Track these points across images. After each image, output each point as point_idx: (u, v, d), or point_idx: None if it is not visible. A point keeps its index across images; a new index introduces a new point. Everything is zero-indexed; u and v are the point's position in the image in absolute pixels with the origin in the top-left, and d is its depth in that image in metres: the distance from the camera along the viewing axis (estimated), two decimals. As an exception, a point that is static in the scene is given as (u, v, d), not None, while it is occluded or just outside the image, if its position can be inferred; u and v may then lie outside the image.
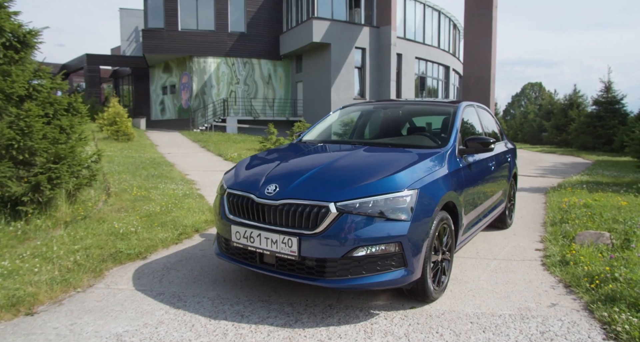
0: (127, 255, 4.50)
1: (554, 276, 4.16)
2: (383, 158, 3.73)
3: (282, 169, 3.60)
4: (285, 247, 3.11)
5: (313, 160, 3.83)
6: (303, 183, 3.25)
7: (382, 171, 3.32)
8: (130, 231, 5.25)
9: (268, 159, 3.99)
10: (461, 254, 4.83)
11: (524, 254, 4.87)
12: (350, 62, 26.27)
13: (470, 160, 4.23)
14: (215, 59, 29.17)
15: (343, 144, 4.40)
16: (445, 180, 3.59)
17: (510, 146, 6.23)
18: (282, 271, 3.22)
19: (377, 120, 5.22)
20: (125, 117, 18.82)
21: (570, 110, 28.97)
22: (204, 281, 3.93)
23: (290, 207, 3.13)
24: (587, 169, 14.06)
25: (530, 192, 9.25)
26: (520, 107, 61.96)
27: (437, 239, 3.46)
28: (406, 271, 3.11)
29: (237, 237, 3.38)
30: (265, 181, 3.41)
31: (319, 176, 3.33)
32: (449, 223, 3.60)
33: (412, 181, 3.23)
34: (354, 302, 3.49)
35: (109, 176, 9.39)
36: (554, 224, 6.05)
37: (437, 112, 4.86)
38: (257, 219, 3.30)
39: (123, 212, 6.32)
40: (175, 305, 3.41)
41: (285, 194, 3.20)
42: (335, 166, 3.50)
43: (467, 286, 3.89)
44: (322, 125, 5.15)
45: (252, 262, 3.39)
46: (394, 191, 3.12)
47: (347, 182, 3.19)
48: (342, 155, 3.81)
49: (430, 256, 3.30)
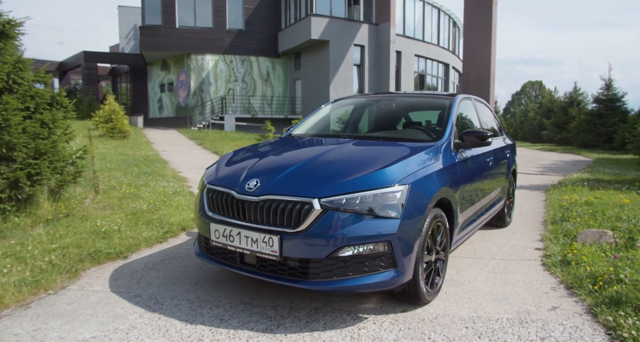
0: (107, 254, 4.28)
1: (554, 277, 3.95)
2: (372, 152, 3.51)
3: (265, 163, 3.38)
4: (266, 247, 2.90)
5: (298, 154, 3.61)
6: (286, 178, 3.03)
7: (370, 164, 3.10)
8: (113, 230, 5.03)
9: (252, 153, 3.77)
10: (457, 253, 4.62)
11: (523, 254, 4.65)
12: (349, 60, 26.04)
13: (466, 155, 4.01)
14: (213, 57, 28.93)
15: (333, 138, 4.17)
16: (440, 175, 3.38)
17: (510, 142, 6.02)
18: (263, 272, 3.01)
19: (370, 114, 4.99)
20: (120, 115, 18.64)
21: (571, 108, 28.73)
22: (184, 282, 3.72)
23: (271, 203, 2.92)
24: (588, 166, 13.84)
25: (530, 190, 9.03)
26: (520, 105, 61.70)
27: (430, 238, 3.25)
28: (396, 272, 2.89)
29: (217, 236, 3.17)
30: (246, 176, 3.20)
31: (303, 170, 3.11)
32: (443, 221, 3.38)
33: (403, 176, 3.01)
34: (342, 305, 3.28)
35: (99, 173, 9.18)
36: (554, 223, 5.84)
37: (433, 104, 4.64)
38: (238, 217, 3.08)
39: (109, 210, 6.11)
40: (151, 308, 3.20)
41: (266, 189, 2.98)
42: (321, 160, 3.28)
43: (463, 288, 3.68)
44: (313, 119, 4.94)
45: (232, 262, 3.18)
46: (383, 186, 2.90)
47: (332, 176, 2.97)
48: (329, 149, 3.59)
49: (422, 256, 3.09)
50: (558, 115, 29.94)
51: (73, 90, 39.40)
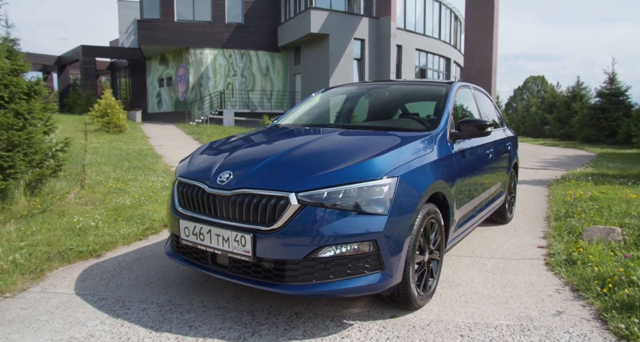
0: (79, 253, 4.00)
1: (559, 278, 3.65)
2: (359, 142, 3.21)
3: (241, 154, 3.08)
4: (238, 246, 2.60)
5: (279, 145, 3.31)
6: (261, 170, 2.73)
7: (355, 155, 2.79)
8: (90, 226, 4.75)
9: (229, 144, 3.47)
10: (454, 252, 4.33)
11: (525, 252, 4.35)
12: (349, 54, 25.68)
13: (464, 147, 3.71)
14: (212, 51, 28.59)
15: (319, 128, 3.87)
16: (433, 167, 3.07)
17: (511, 134, 5.71)
18: (236, 274, 2.71)
19: (362, 103, 4.68)
20: (116, 109, 18.34)
21: (573, 103, 28.35)
22: (157, 283, 3.43)
23: (244, 198, 2.62)
24: (592, 161, 13.51)
25: (532, 185, 8.72)
26: (522, 100, 61.15)
27: (422, 236, 2.95)
28: (383, 274, 2.59)
29: (186, 234, 2.87)
30: (219, 168, 2.90)
31: (281, 161, 2.81)
32: (437, 217, 3.09)
33: (392, 168, 2.71)
34: (325, 310, 2.99)
35: (88, 167, 8.90)
36: (558, 219, 5.53)
37: (428, 92, 4.32)
38: (208, 213, 2.79)
39: (90, 205, 5.82)
40: (115, 313, 2.91)
41: (239, 183, 2.68)
42: (301, 151, 2.97)
43: (459, 290, 3.38)
44: (301, 108, 4.63)
45: (203, 263, 2.88)
46: (369, 178, 2.60)
47: (312, 168, 2.67)
48: (313, 139, 3.29)
49: (413, 257, 2.79)
50: (560, 110, 29.55)
51: (73, 85, 39.03)
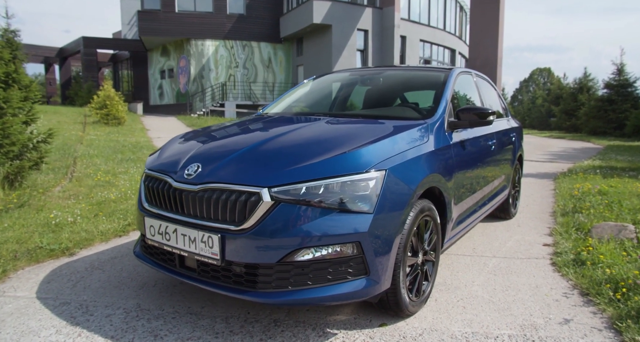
0: (50, 251, 3.73)
1: (566, 280, 3.35)
2: (346, 131, 2.90)
3: (215, 145, 2.78)
4: (205, 248, 2.32)
5: (257, 134, 3.01)
6: (232, 162, 2.44)
7: (340, 146, 2.50)
8: (68, 222, 4.48)
9: (205, 134, 3.17)
10: (453, 250, 4.03)
11: (529, 251, 4.05)
12: (352, 45, 25.28)
13: (463, 137, 3.40)
14: (213, 42, 28.24)
15: (306, 116, 3.57)
16: (428, 159, 2.78)
17: (515, 124, 5.39)
18: (204, 278, 2.43)
19: (355, 89, 4.37)
20: (115, 101, 18.09)
21: (580, 95, 27.89)
22: (129, 285, 3.16)
23: (212, 194, 2.33)
24: (599, 153, 13.15)
25: (538, 178, 8.40)
26: (528, 92, 60.54)
27: (415, 236, 2.66)
28: (368, 280, 2.30)
29: (152, 233, 2.59)
30: (187, 160, 2.61)
31: (256, 153, 2.51)
32: (432, 215, 2.79)
33: (380, 160, 2.41)
34: (307, 317, 2.70)
35: (79, 160, 8.64)
36: (565, 214, 5.22)
37: (425, 78, 4.01)
38: (175, 210, 2.50)
39: (73, 199, 5.56)
40: (75, 320, 2.64)
41: (207, 176, 2.39)
42: (280, 141, 2.68)
43: (457, 294, 3.09)
44: (292, 96, 4.33)
45: (171, 265, 2.60)
46: (353, 171, 2.30)
47: (290, 160, 2.37)
48: (294, 128, 2.99)
49: (404, 259, 2.50)
50: (567, 102, 29.09)
51: (76, 78, 38.73)
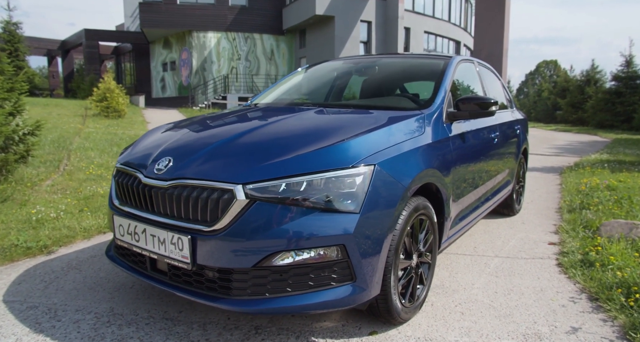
0: (26, 249, 3.53)
1: (573, 283, 3.13)
2: (334, 122, 2.67)
3: (189, 138, 2.56)
4: (175, 250, 2.11)
5: (237, 126, 2.78)
6: (205, 156, 2.22)
7: (326, 138, 2.27)
8: (50, 218, 4.29)
9: (183, 126, 2.95)
10: (453, 249, 3.81)
11: (534, 250, 3.83)
12: (355, 37, 24.97)
13: (463, 129, 3.17)
14: (215, 34, 27.97)
15: (294, 106, 3.34)
16: (424, 153, 2.55)
17: (520, 116, 5.14)
18: (176, 283, 2.22)
19: (350, 78, 4.13)
20: (116, 93, 17.91)
21: (587, 87, 27.46)
22: (105, 287, 2.95)
23: (182, 191, 2.11)
24: (606, 147, 12.86)
25: (543, 173, 8.14)
26: (534, 85, 59.93)
27: (409, 236, 2.43)
28: (354, 287, 2.08)
29: (121, 233, 2.38)
30: (159, 154, 2.39)
31: (232, 146, 2.29)
32: (428, 213, 2.57)
33: (369, 153, 2.18)
34: (291, 324, 2.49)
35: (73, 153, 8.45)
36: (571, 211, 4.98)
37: (423, 66, 3.77)
38: (144, 208, 2.29)
39: (60, 193, 5.36)
40: (40, 327, 2.43)
41: (177, 172, 2.17)
42: (260, 133, 2.45)
43: (456, 298, 2.87)
44: (282, 86, 4.10)
45: (141, 268, 2.39)
46: (337, 166, 2.07)
47: (269, 154, 2.15)
48: (278, 119, 2.76)
49: (396, 262, 2.28)
50: (574, 95, 28.66)
51: (79, 70, 38.54)
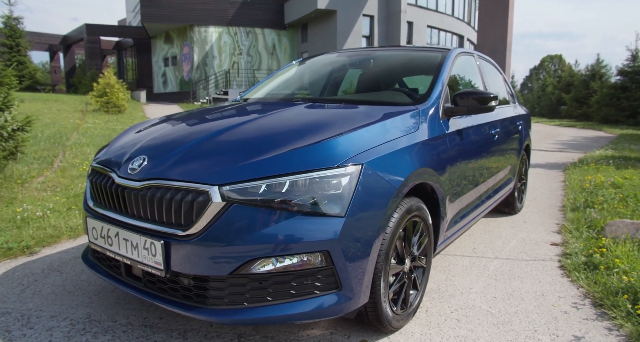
0: (7, 250, 3.40)
1: (577, 287, 2.98)
2: (321, 118, 2.52)
3: (168, 135, 2.40)
4: (148, 256, 1.97)
5: (218, 122, 2.63)
6: (182, 155, 2.07)
7: (311, 135, 2.12)
8: (36, 216, 4.16)
9: (165, 122, 2.80)
10: (451, 249, 3.66)
11: (535, 251, 3.68)
12: (357, 31, 24.77)
13: (462, 125, 3.01)
14: (216, 29, 27.80)
15: (284, 101, 3.19)
16: (418, 151, 2.39)
17: (522, 112, 4.98)
18: (150, 291, 2.08)
19: (344, 72, 3.98)
20: (116, 88, 17.79)
21: (592, 82, 27.17)
22: (84, 291, 2.82)
23: (155, 192, 1.97)
24: (611, 143, 12.66)
25: (546, 169, 7.98)
26: (538, 80, 59.47)
27: (401, 240, 2.29)
28: (340, 296, 1.94)
29: (94, 236, 2.25)
30: (134, 152, 2.25)
31: (210, 144, 2.14)
32: (423, 215, 2.42)
33: (356, 152, 2.03)
34: (276, 332, 2.35)
35: (69, 149, 8.33)
36: (575, 209, 4.83)
37: (420, 59, 3.60)
38: (118, 210, 2.15)
39: (50, 191, 5.24)
40: (9, 335, 2.30)
41: (151, 172, 2.03)
42: (241, 130, 2.30)
43: (452, 303, 2.73)
44: (275, 80, 3.95)
45: (116, 273, 2.25)
46: (321, 166, 1.92)
47: (249, 152, 2.00)
48: (263, 115, 2.61)
49: (387, 268, 2.14)
50: (578, 90, 28.38)
51: (82, 65, 38.39)
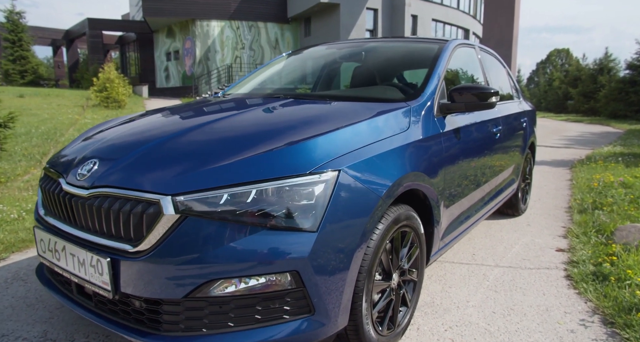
0: (-28, 256, 3.19)
1: (584, 300, 2.72)
2: (299, 117, 2.26)
3: (125, 136, 2.15)
4: (95, 274, 1.73)
5: (183, 122, 2.36)
6: (135, 159, 1.83)
7: (283, 136, 1.86)
8: (11, 219, 3.94)
9: (126, 122, 2.55)
10: (449, 256, 3.41)
11: (540, 258, 3.42)
12: (360, 25, 24.44)
13: (459, 123, 2.75)
14: (219, 23, 27.53)
15: (262, 98, 2.92)
16: (408, 154, 2.13)
17: (527, 107, 4.71)
18: (101, 312, 1.84)
19: (332, 66, 3.72)
20: (115, 83, 17.60)
21: (600, 76, 26.73)
22: (46, 304, 2.59)
23: (103, 201, 1.73)
24: (620, 139, 12.32)
25: (552, 166, 7.69)
26: (545, 74, 58.88)
27: (388, 252, 2.04)
28: (312, 322, 1.68)
29: (42, 249, 2.01)
30: (86, 155, 2.01)
31: (168, 146, 1.89)
32: (413, 225, 2.17)
33: (333, 156, 1.77)
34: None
35: (61, 145, 8.13)
36: (582, 211, 4.56)
37: (414, 51, 3.34)
38: (67, 220, 1.91)
39: (32, 190, 5.02)
40: (-47, 356, 2.08)
41: (100, 178, 1.79)
42: (207, 130, 2.04)
43: (446, 320, 2.48)
44: (261, 74, 3.71)
45: (67, 290, 2.02)
46: (292, 173, 1.67)
47: (209, 157, 1.75)
48: (236, 113, 2.37)
49: (369, 286, 1.89)
50: (586, 84, 27.94)
51: (86, 60, 38.19)
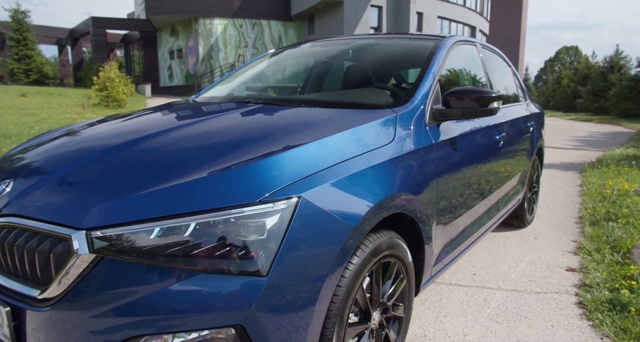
0: None
1: (600, 335, 2.37)
2: (258, 128, 1.91)
3: (52, 152, 1.79)
4: (-5, 326, 1.42)
5: (123, 136, 2.00)
6: (53, 183, 1.50)
7: (233, 154, 1.53)
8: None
9: (69, 132, 2.21)
10: (446, 277, 3.08)
11: (548, 280, 3.07)
12: (365, 22, 24.13)
13: (456, 131, 2.40)
14: (222, 21, 27.32)
15: (231, 103, 2.58)
16: (390, 171, 1.79)
17: (535, 110, 4.35)
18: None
19: (317, 67, 3.39)
20: (116, 82, 17.41)
21: (611, 74, 26.24)
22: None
23: (9, 234, 1.41)
24: (632, 139, 11.92)
25: (561, 170, 7.32)
26: (553, 72, 58.17)
27: (365, 290, 1.71)
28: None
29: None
30: (1, 175, 1.69)
31: (95, 167, 1.55)
32: (398, 254, 1.83)
33: (292, 179, 1.43)
34: None
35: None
36: (594, 223, 4.20)
37: (406, 49, 2.99)
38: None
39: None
40: None
41: (10, 205, 1.47)
42: (143, 147, 1.69)
43: (439, 360, 2.15)
44: (240, 76, 3.38)
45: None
46: (238, 202, 1.34)
47: (140, 180, 1.42)
48: (188, 123, 2.04)
49: (341, 334, 1.55)
50: (595, 82, 27.45)
51: (91, 59, 38.07)
